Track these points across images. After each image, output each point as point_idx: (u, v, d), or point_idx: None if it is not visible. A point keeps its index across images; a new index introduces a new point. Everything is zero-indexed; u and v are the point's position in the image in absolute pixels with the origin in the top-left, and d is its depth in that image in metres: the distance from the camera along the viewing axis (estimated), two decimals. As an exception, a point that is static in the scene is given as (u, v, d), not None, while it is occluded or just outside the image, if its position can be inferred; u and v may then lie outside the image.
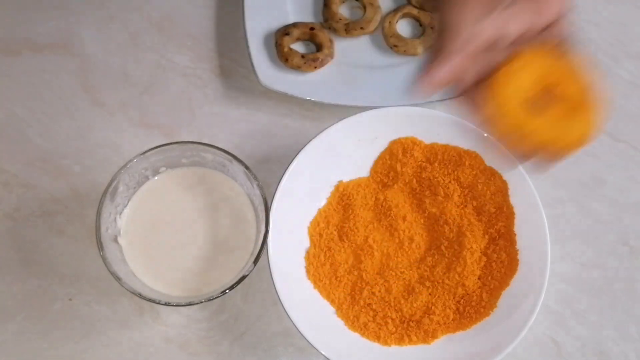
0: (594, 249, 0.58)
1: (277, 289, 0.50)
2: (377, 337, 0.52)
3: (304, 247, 0.54)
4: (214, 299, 0.48)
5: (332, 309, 0.53)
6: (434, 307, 0.52)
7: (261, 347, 0.54)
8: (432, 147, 0.56)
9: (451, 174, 0.56)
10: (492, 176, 0.55)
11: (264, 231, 0.50)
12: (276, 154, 0.59)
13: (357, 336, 0.52)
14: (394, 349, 0.52)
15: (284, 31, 0.61)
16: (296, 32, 0.61)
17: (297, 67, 0.60)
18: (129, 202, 0.53)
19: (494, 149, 0.55)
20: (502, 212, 0.55)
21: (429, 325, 0.52)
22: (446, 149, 0.56)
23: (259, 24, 0.61)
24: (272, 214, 0.51)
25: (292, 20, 0.63)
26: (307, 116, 0.61)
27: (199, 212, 0.53)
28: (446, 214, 0.55)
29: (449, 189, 0.55)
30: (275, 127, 0.60)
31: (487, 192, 0.55)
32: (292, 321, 0.49)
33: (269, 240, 0.50)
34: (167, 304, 0.48)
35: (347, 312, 0.52)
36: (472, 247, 0.54)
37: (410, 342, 0.52)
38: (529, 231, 0.54)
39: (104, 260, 0.48)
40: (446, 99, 0.59)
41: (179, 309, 0.54)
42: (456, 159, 0.56)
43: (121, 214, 0.52)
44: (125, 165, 0.50)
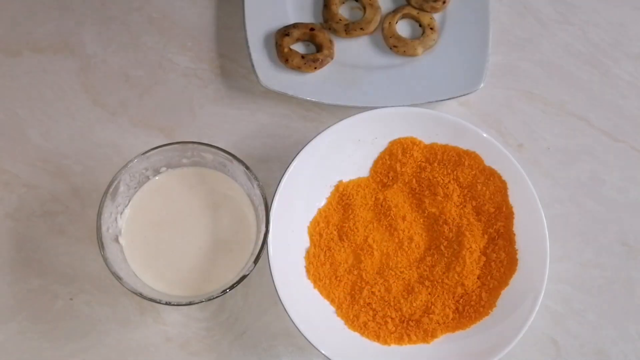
0: (593, 248, 0.58)
1: (277, 289, 0.50)
2: (376, 336, 0.52)
3: (304, 246, 0.54)
4: (214, 299, 0.48)
5: (332, 309, 0.53)
6: (433, 307, 0.53)
7: (261, 346, 0.54)
8: (431, 147, 0.56)
9: (450, 174, 0.56)
10: (491, 176, 0.55)
11: (264, 231, 0.50)
12: (276, 154, 0.59)
13: (357, 335, 0.52)
14: (394, 348, 0.52)
15: (284, 32, 0.61)
16: (296, 33, 0.61)
17: (297, 68, 0.60)
18: (129, 202, 0.53)
19: (494, 149, 0.55)
20: (501, 212, 0.55)
21: (428, 324, 0.52)
22: (446, 149, 0.56)
23: (259, 24, 0.61)
24: (272, 214, 0.51)
25: (292, 20, 0.63)
26: (307, 116, 0.61)
27: (200, 212, 0.53)
28: (445, 213, 0.55)
29: (449, 188, 0.55)
30: (275, 127, 0.60)
31: (487, 192, 0.55)
32: (292, 321, 0.49)
33: (269, 240, 0.51)
34: (167, 304, 0.48)
35: (347, 311, 0.53)
36: (471, 247, 0.54)
37: (409, 341, 0.52)
38: (528, 231, 0.54)
39: (105, 260, 0.48)
40: (446, 99, 0.59)
41: (180, 308, 0.54)
42: (455, 159, 0.56)
43: (122, 213, 0.52)
44: (125, 165, 0.50)
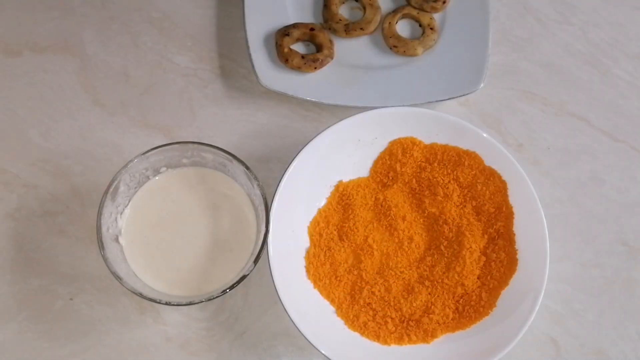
0: (593, 248, 0.58)
1: (277, 289, 0.50)
2: (376, 336, 0.52)
3: (304, 246, 0.54)
4: (214, 299, 0.48)
5: (332, 309, 0.53)
6: (433, 307, 0.53)
7: (261, 346, 0.54)
8: (431, 147, 0.56)
9: (450, 174, 0.56)
10: (491, 176, 0.55)
11: (264, 231, 0.50)
12: (276, 154, 0.59)
13: (356, 335, 0.52)
14: (394, 348, 0.52)
15: (284, 32, 0.61)
16: (296, 33, 0.61)
17: (297, 68, 0.60)
18: (129, 202, 0.53)
19: (494, 149, 0.55)
20: (501, 212, 0.55)
21: (428, 324, 0.52)
22: (445, 149, 0.56)
23: (259, 24, 0.61)
24: (272, 214, 0.51)
25: (292, 20, 0.63)
26: (307, 116, 0.61)
27: (200, 212, 0.53)
28: (445, 213, 0.55)
29: (449, 189, 0.55)
30: (275, 127, 0.60)
31: (487, 192, 0.55)
32: (292, 321, 0.49)
33: (269, 240, 0.51)
34: (167, 304, 0.48)
35: (347, 311, 0.53)
36: (471, 247, 0.54)
37: (409, 341, 0.52)
38: (528, 231, 0.54)
39: (105, 260, 0.48)
40: (446, 99, 0.59)
41: (180, 308, 0.54)
42: (455, 159, 0.56)
43: (122, 213, 0.52)
44: (125, 165, 0.50)
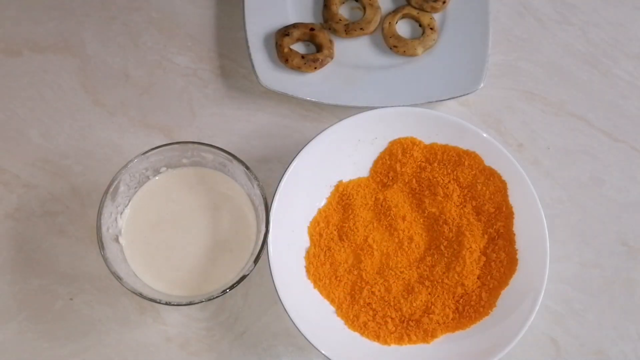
0: (592, 248, 0.58)
1: (277, 289, 0.50)
2: (376, 336, 0.52)
3: (304, 246, 0.54)
4: (214, 299, 0.48)
5: (332, 309, 0.53)
6: (433, 307, 0.53)
7: (261, 346, 0.54)
8: (431, 147, 0.56)
9: (450, 174, 0.56)
10: (491, 176, 0.55)
11: (264, 231, 0.50)
12: (276, 154, 0.59)
13: (356, 335, 0.52)
14: (394, 348, 0.52)
15: (284, 32, 0.61)
16: (296, 33, 0.61)
17: (297, 68, 0.60)
18: (129, 202, 0.53)
19: (494, 149, 0.55)
20: (501, 211, 0.55)
21: (428, 324, 0.52)
22: (445, 149, 0.56)
23: (259, 24, 0.61)
24: (272, 214, 0.51)
25: (292, 20, 0.63)
26: (307, 116, 0.61)
27: (200, 212, 0.53)
28: (445, 213, 0.55)
29: (449, 189, 0.55)
30: (275, 127, 0.60)
31: (487, 192, 0.55)
32: (292, 321, 0.49)
33: (269, 240, 0.51)
34: (167, 304, 0.48)
35: (347, 311, 0.53)
36: (471, 247, 0.54)
37: (409, 341, 0.52)
38: (528, 231, 0.54)
39: (105, 260, 0.48)
40: (446, 99, 0.59)
41: (180, 308, 0.54)
42: (455, 159, 0.56)
43: (122, 213, 0.52)
44: (125, 165, 0.50)
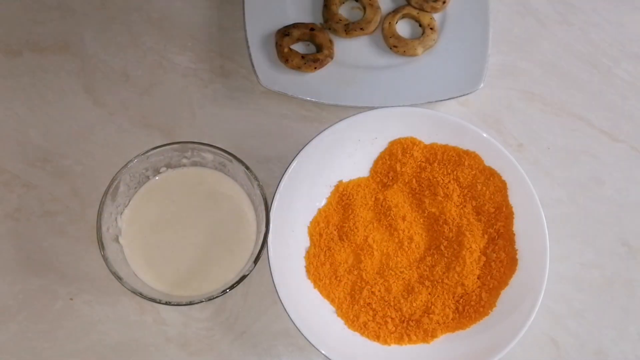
0: (593, 248, 0.58)
1: (277, 289, 0.50)
2: (376, 336, 0.52)
3: (304, 246, 0.54)
4: (214, 299, 0.48)
5: (332, 309, 0.53)
6: (433, 307, 0.53)
7: (261, 346, 0.54)
8: (431, 147, 0.56)
9: (450, 174, 0.56)
10: (491, 176, 0.55)
11: (264, 231, 0.50)
12: (276, 154, 0.59)
13: (356, 335, 0.52)
14: (394, 348, 0.52)
15: (284, 32, 0.61)
16: (296, 33, 0.61)
17: (297, 68, 0.60)
18: (129, 202, 0.53)
19: (494, 149, 0.55)
20: (501, 212, 0.55)
21: (428, 324, 0.52)
22: (445, 149, 0.56)
23: (259, 24, 0.61)
24: (272, 214, 0.51)
25: (292, 20, 0.63)
26: (307, 116, 0.61)
27: (200, 212, 0.53)
28: (445, 213, 0.55)
29: (449, 188, 0.55)
30: (275, 127, 0.60)
31: (487, 192, 0.55)
32: (292, 321, 0.49)
33: (269, 240, 0.51)
34: (167, 304, 0.48)
35: (347, 311, 0.53)
36: (471, 247, 0.54)
37: (409, 341, 0.52)
38: (528, 231, 0.54)
39: (105, 260, 0.48)
40: (446, 99, 0.59)
41: (180, 308, 0.54)
42: (455, 159, 0.56)
43: (122, 214, 0.52)
44: (125, 165, 0.50)
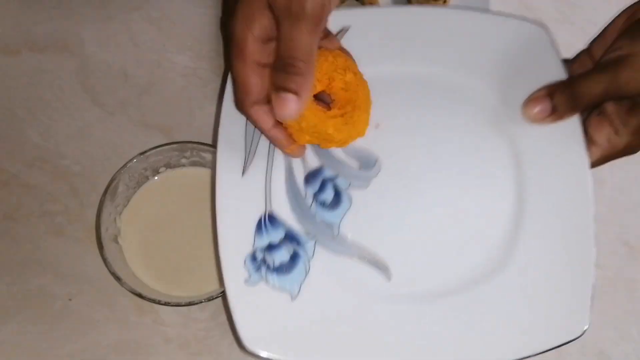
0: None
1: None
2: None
3: None
4: (214, 299, 0.48)
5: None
6: None
7: (261, 347, 0.54)
8: None
9: None
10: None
11: (264, 231, 0.50)
12: (276, 154, 0.59)
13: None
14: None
15: (284, 31, 0.61)
16: (296, 32, 0.61)
17: (297, 67, 0.59)
18: (129, 202, 0.53)
19: None
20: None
21: None
22: None
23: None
24: (272, 214, 0.51)
25: (292, 20, 0.62)
26: (307, 116, 0.61)
27: (199, 212, 0.53)
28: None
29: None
30: (275, 127, 0.60)
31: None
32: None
33: None
34: (167, 304, 0.48)
35: None
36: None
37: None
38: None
39: (104, 260, 0.48)
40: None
41: (179, 309, 0.54)
42: None
43: (121, 214, 0.52)
44: (125, 165, 0.50)
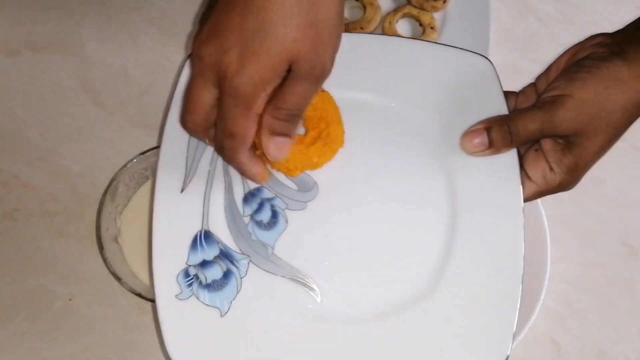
0: (593, 249, 0.58)
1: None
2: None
3: None
4: (213, 299, 0.48)
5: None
6: None
7: (261, 347, 0.54)
8: None
9: None
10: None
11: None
12: (276, 154, 0.59)
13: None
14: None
15: (284, 31, 0.61)
16: (296, 32, 0.61)
17: (297, 67, 0.59)
18: (128, 202, 0.53)
19: None
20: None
21: None
22: None
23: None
24: (272, 214, 0.51)
25: (292, 20, 0.62)
26: (307, 116, 0.61)
27: (199, 212, 0.53)
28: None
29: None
30: (275, 127, 0.60)
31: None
32: None
33: None
34: (167, 304, 0.48)
35: None
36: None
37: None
38: (529, 231, 0.53)
39: (104, 260, 0.48)
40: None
41: (179, 309, 0.54)
42: None
43: (121, 214, 0.52)
44: (125, 165, 0.50)
